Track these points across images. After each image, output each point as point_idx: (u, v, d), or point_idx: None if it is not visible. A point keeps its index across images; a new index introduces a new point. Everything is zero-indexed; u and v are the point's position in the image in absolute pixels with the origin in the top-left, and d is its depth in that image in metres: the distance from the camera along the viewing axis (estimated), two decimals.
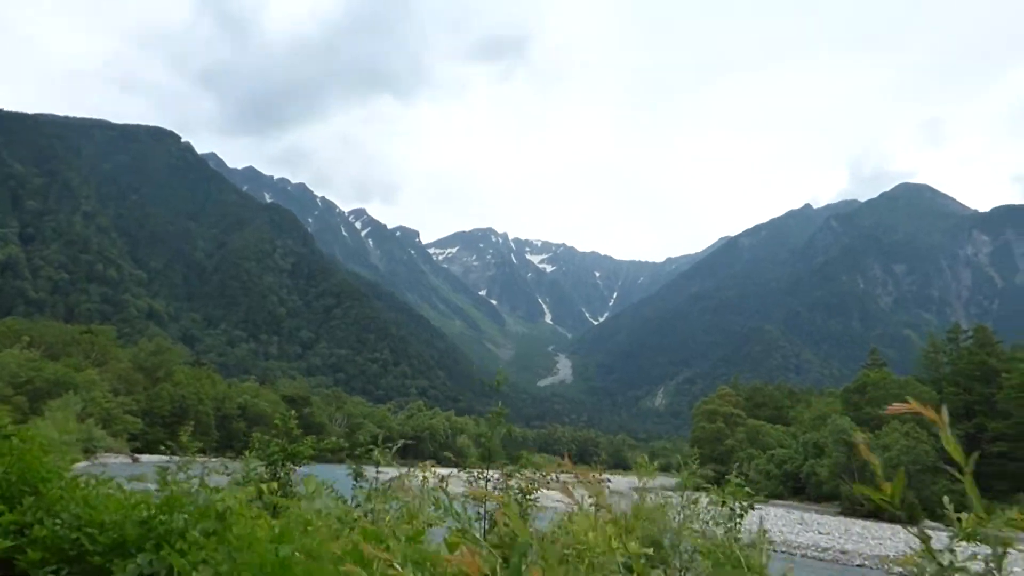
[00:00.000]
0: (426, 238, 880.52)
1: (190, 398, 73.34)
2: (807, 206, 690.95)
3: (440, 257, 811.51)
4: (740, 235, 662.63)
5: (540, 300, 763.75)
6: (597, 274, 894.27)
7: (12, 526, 2.95)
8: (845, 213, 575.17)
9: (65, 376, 53.53)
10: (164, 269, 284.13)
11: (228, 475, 5.97)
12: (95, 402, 55.67)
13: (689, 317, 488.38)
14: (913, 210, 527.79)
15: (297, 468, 6.48)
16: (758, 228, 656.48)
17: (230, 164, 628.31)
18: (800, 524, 38.33)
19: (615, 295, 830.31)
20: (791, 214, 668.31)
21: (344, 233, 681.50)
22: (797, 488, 66.22)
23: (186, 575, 2.97)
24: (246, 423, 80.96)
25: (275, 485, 5.49)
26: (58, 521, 3.16)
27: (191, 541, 3.12)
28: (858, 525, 39.86)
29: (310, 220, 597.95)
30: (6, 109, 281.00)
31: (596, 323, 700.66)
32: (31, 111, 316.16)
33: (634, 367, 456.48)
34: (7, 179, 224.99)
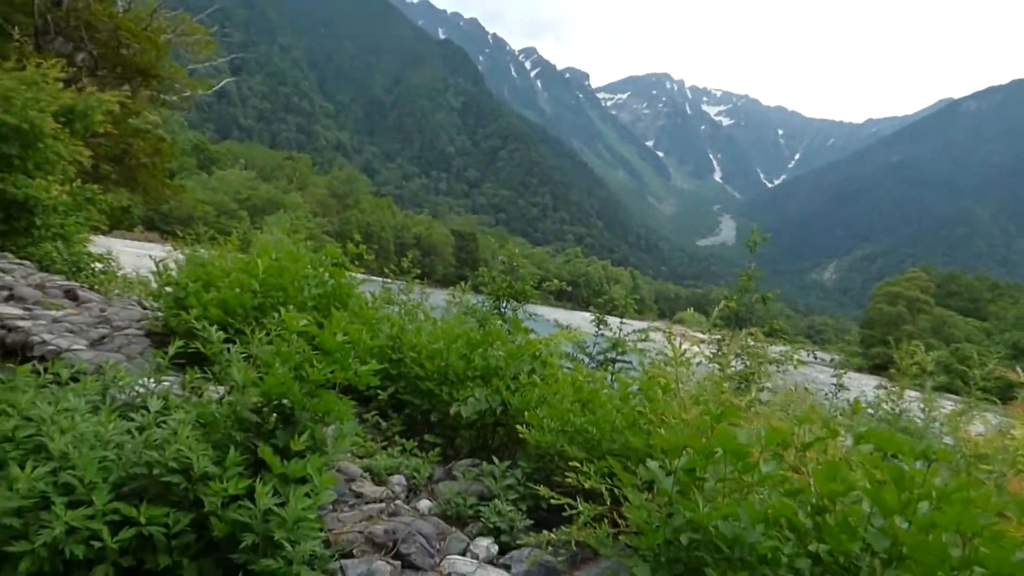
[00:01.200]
0: (596, 81, 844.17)
1: (375, 225, 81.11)
2: None
3: (609, 103, 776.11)
4: (967, 98, 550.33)
5: (711, 155, 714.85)
6: (780, 131, 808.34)
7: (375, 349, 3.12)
8: None
9: (276, 196, 61.33)
10: (349, 103, 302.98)
11: (451, 303, 6.55)
12: (299, 221, 63.34)
13: (881, 188, 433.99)
14: None
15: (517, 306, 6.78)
16: (992, 91, 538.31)
17: None
18: None
19: (797, 156, 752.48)
20: None
21: (514, 73, 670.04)
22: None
23: (522, 409, 3.19)
24: (420, 252, 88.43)
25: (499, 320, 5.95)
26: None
27: (523, 381, 3.36)
28: None
29: (481, 58, 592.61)
30: None
31: (771, 185, 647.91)
32: None
33: (805, 236, 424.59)
34: (216, 12, 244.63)
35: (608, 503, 2.26)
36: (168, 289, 4.40)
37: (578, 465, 2.52)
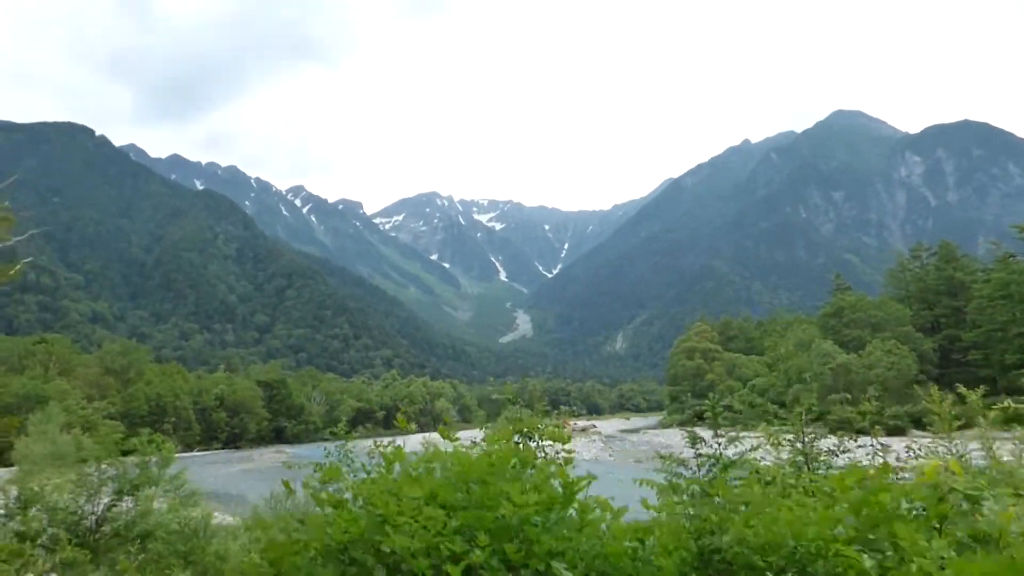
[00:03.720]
0: (370, 208, 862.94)
1: (166, 395, 70.82)
2: (746, 141, 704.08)
3: (387, 226, 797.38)
4: (683, 175, 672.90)
5: (493, 258, 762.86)
6: (547, 227, 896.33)
7: None
8: (783, 145, 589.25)
9: (35, 389, 50.63)
10: (101, 270, 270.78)
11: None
12: (71, 411, 53.09)
13: (640, 261, 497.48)
14: (848, 136, 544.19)
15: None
16: (700, 167, 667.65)
17: (152, 154, 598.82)
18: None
19: (566, 246, 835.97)
20: (732, 150, 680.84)
21: (285, 212, 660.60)
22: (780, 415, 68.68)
23: None
24: (226, 413, 79.00)
25: None
26: None
27: None
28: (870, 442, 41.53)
29: (247, 203, 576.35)
30: None
31: (550, 275, 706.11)
32: None
33: (592, 315, 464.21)
34: None
35: None
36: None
37: None
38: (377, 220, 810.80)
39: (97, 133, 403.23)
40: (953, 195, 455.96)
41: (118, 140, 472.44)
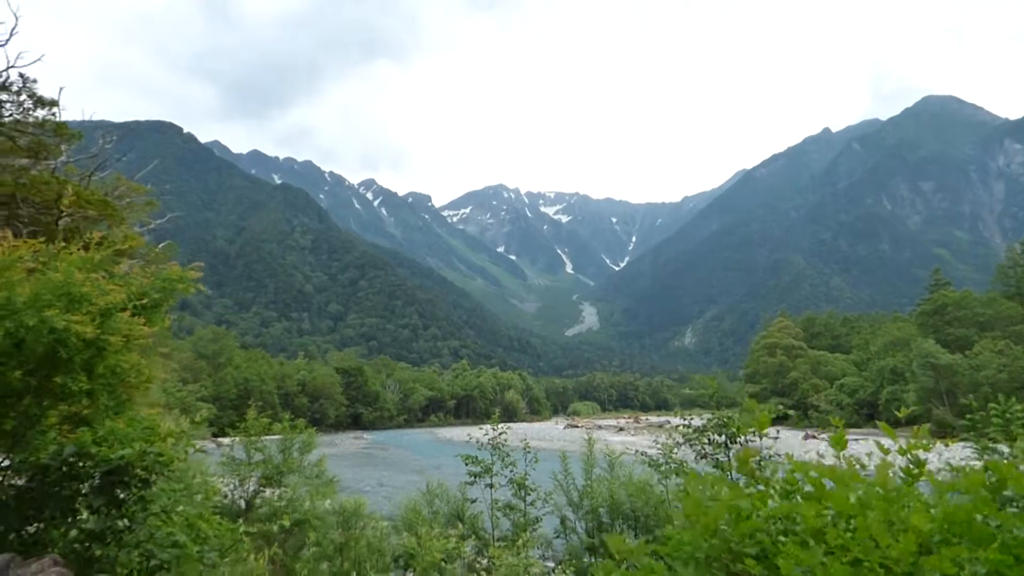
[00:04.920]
0: (438, 201, 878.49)
1: (253, 380, 73.99)
2: (826, 130, 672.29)
3: (455, 219, 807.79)
4: (757, 167, 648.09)
5: (559, 251, 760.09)
6: (614, 219, 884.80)
7: None
8: (867, 134, 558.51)
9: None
10: (190, 260, 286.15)
11: None
12: (169, 392, 56.25)
13: (710, 254, 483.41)
14: (939, 123, 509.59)
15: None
16: (775, 157, 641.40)
17: (234, 150, 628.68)
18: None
19: (634, 239, 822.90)
20: (809, 140, 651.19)
21: (357, 205, 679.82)
22: (869, 416, 65.15)
23: None
24: (307, 398, 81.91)
25: None
26: None
27: None
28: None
29: (321, 196, 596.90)
30: None
31: (617, 268, 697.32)
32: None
33: (659, 309, 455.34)
34: None
35: None
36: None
37: None
38: (445, 212, 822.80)
39: (184, 131, 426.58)
40: None
41: (203, 137, 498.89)
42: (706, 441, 7.06)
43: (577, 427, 78.69)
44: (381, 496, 25.79)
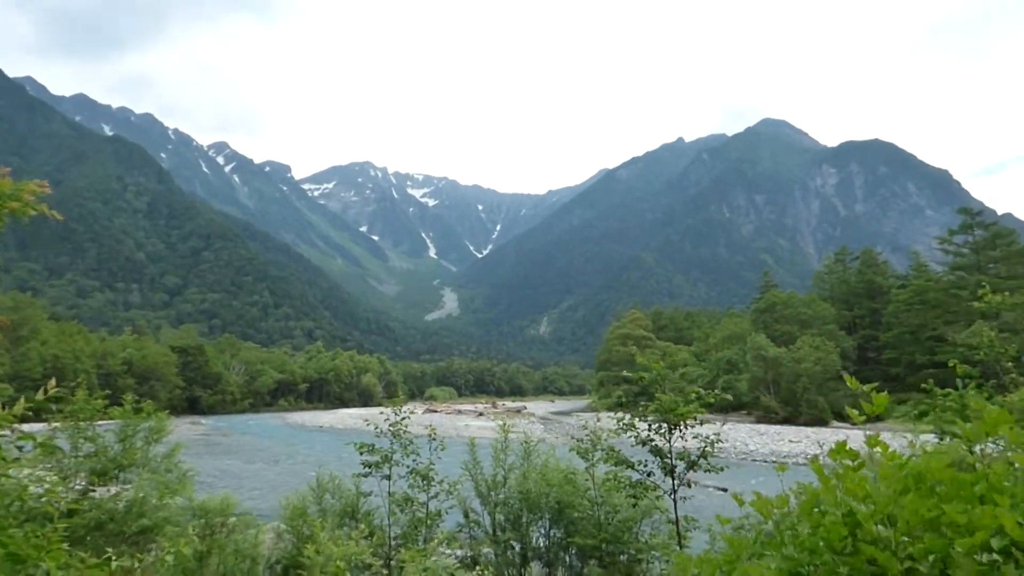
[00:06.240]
0: (299, 173, 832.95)
1: (65, 357, 64.59)
2: (680, 139, 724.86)
3: (316, 193, 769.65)
4: (618, 167, 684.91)
5: (424, 234, 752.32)
6: (480, 207, 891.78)
7: None
8: (715, 146, 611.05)
9: None
10: None
11: None
12: None
13: (570, 247, 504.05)
14: (774, 144, 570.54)
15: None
16: (635, 160, 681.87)
17: (54, 90, 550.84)
18: (759, 435, 40.69)
19: (498, 227, 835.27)
20: (665, 147, 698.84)
21: (205, 169, 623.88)
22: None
23: None
24: (135, 379, 73.37)
25: None
26: None
27: None
28: (806, 431, 43.06)
29: (163, 155, 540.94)
30: None
31: (481, 256, 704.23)
32: None
33: (519, 297, 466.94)
34: None
35: None
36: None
37: None
38: (306, 186, 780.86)
39: None
40: (860, 207, 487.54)
41: (13, 71, 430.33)
42: (647, 427, 6.52)
43: (436, 412, 77.97)
44: (222, 487, 23.22)
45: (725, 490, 17.81)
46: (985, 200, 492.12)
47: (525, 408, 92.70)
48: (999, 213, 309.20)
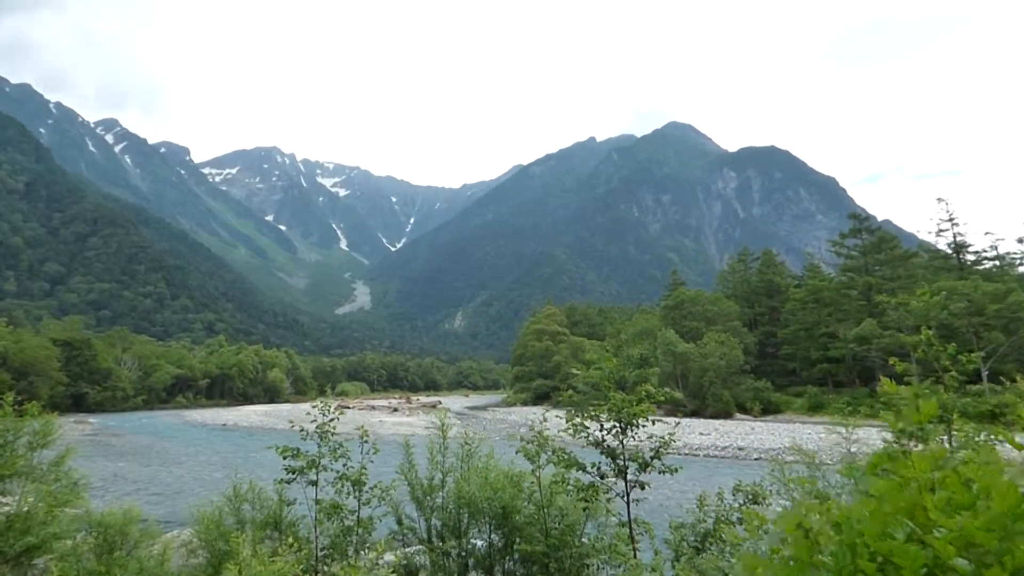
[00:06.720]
0: (199, 156, 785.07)
1: None
2: (591, 138, 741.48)
3: (218, 178, 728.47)
4: (532, 164, 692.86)
5: (334, 225, 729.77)
6: (394, 199, 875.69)
7: None
8: (624, 147, 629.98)
9: None
10: None
11: None
12: None
13: (484, 242, 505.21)
14: (679, 147, 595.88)
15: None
16: (548, 157, 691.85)
17: None
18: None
19: (412, 220, 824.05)
20: (578, 145, 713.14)
21: (92, 148, 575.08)
22: None
23: None
24: (10, 374, 66.66)
25: None
26: None
27: None
28: (714, 424, 45.09)
29: (43, 131, 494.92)
30: None
31: (394, 249, 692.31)
32: None
33: (432, 292, 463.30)
34: None
35: None
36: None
37: None
38: (206, 170, 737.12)
39: None
40: (757, 210, 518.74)
41: None
42: (599, 427, 6.34)
43: (348, 408, 75.73)
44: (116, 493, 21.41)
45: (645, 486, 18.09)
46: (867, 207, 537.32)
47: (440, 403, 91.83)
48: (879, 219, 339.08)
